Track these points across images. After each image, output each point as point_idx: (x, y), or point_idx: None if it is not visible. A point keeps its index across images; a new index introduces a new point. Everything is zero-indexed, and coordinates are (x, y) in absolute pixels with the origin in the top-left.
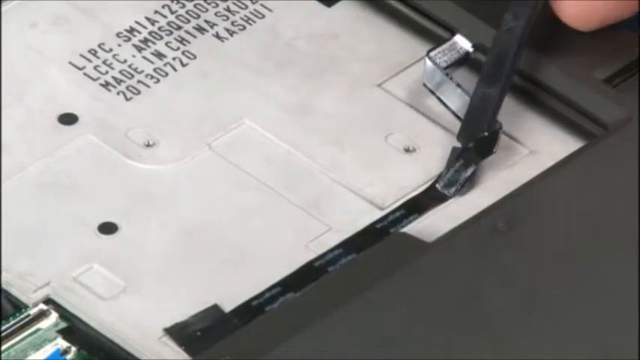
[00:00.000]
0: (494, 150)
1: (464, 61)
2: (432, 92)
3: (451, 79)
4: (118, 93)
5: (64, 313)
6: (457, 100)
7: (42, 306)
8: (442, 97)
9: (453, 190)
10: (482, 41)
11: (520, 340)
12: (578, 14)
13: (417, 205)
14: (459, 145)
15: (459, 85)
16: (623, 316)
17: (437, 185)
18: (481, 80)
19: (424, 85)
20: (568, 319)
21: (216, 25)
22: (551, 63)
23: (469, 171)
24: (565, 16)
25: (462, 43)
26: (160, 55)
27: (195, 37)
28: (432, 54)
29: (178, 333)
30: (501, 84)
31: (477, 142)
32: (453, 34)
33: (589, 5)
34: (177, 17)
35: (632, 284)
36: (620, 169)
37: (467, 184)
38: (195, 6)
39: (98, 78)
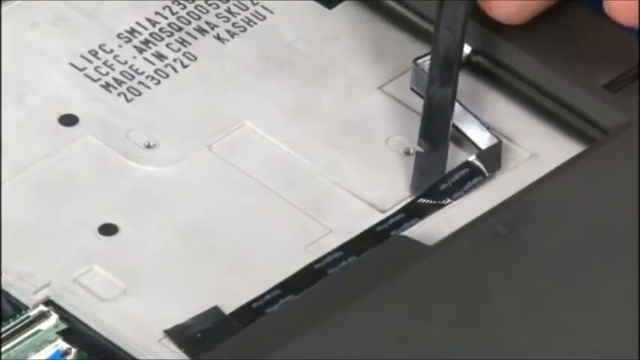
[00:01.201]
0: (499, 166)
1: (463, 64)
2: (420, 95)
3: None
4: (119, 94)
5: (64, 315)
6: None
7: (42, 307)
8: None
9: (455, 195)
10: (481, 45)
11: (521, 344)
12: (513, 11)
13: (417, 208)
14: (434, 150)
15: None
16: (623, 320)
17: (410, 189)
18: (432, 82)
19: (412, 89)
20: (569, 323)
21: (217, 26)
22: (553, 68)
23: (475, 181)
24: (497, 15)
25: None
26: (160, 57)
27: (195, 38)
28: (419, 61)
29: (178, 335)
30: (453, 82)
31: (481, 154)
32: None
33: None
34: (177, 18)
35: (632, 289)
36: (621, 174)
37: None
38: (196, 7)
39: (99, 79)
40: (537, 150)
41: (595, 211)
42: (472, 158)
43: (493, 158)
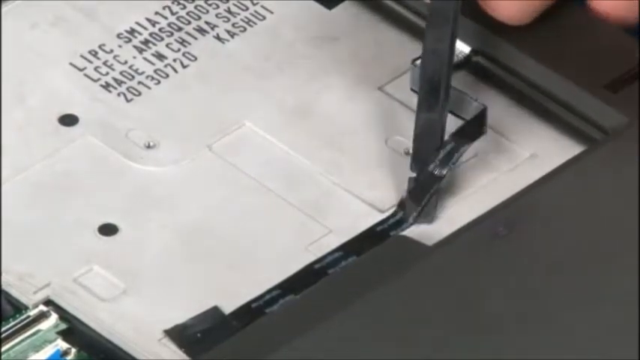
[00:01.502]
0: (485, 131)
1: (463, 64)
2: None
3: None
4: (119, 94)
5: (64, 315)
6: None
7: (42, 307)
8: None
9: (443, 171)
10: (481, 45)
11: (521, 344)
12: (515, 11)
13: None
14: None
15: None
16: (624, 320)
17: (405, 217)
18: (420, 106)
19: (412, 89)
20: (569, 323)
21: (217, 26)
22: (553, 68)
23: (462, 150)
24: (498, 15)
25: (461, 47)
26: (160, 57)
27: (195, 38)
28: (417, 62)
29: (178, 335)
30: (441, 105)
31: (465, 125)
32: None
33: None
34: (177, 18)
35: (632, 289)
36: (621, 174)
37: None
38: (195, 7)
39: (99, 79)
40: (537, 150)
41: (595, 211)
42: (456, 131)
43: (479, 125)
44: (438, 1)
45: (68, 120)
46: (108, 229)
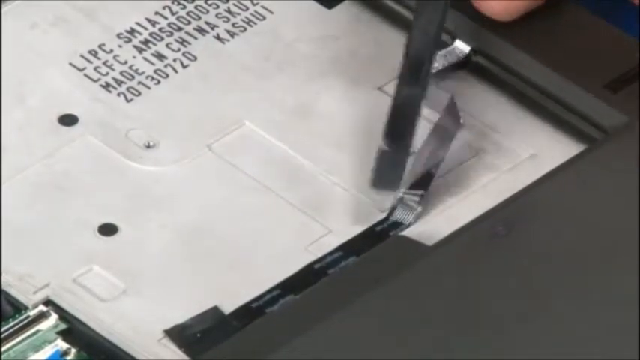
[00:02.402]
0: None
1: (463, 64)
2: None
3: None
4: (119, 94)
5: (63, 315)
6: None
7: (42, 307)
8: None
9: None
10: (480, 45)
11: (520, 344)
12: (501, 6)
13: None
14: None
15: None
16: (623, 320)
17: (371, 186)
18: (401, 82)
19: None
20: (568, 323)
21: (217, 26)
22: (553, 68)
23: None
24: (491, 12)
25: (461, 47)
26: (160, 57)
27: (195, 38)
28: None
29: (178, 334)
30: (422, 83)
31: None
32: (452, 37)
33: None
34: (177, 18)
35: (631, 289)
36: (620, 174)
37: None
38: (195, 7)
39: (99, 79)
40: (537, 150)
41: (595, 211)
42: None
43: (453, 118)
44: None
45: (68, 120)
46: (108, 229)
